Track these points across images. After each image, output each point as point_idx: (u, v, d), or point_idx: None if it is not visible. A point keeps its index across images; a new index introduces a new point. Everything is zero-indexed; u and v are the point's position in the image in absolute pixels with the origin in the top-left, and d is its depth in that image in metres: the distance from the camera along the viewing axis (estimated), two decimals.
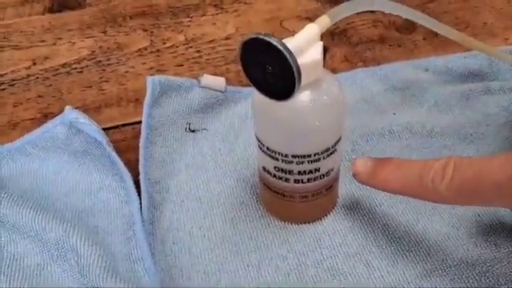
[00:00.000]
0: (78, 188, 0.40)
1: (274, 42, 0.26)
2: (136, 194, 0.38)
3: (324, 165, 0.33)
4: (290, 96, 0.28)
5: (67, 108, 0.43)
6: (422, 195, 0.29)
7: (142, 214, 0.37)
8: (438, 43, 0.52)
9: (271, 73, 0.28)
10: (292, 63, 0.26)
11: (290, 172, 0.33)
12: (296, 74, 0.27)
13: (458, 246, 0.35)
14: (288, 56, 0.26)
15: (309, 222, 0.37)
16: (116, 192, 0.39)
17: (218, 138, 0.43)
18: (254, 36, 0.27)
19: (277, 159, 0.33)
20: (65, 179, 0.40)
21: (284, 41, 0.28)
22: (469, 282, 0.33)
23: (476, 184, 0.26)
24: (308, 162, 0.32)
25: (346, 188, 0.39)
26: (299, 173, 0.33)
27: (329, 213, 0.37)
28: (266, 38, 0.27)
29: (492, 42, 0.52)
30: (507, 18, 0.55)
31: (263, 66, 0.28)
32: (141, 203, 0.37)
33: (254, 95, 0.32)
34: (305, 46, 0.29)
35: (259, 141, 0.33)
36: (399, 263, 0.34)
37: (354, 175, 0.33)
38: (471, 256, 0.34)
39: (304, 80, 0.28)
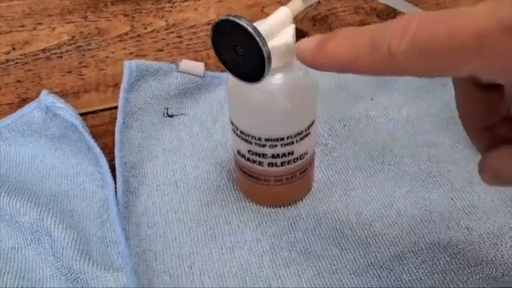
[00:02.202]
0: (55, 172, 0.40)
1: (244, 23, 0.26)
2: (111, 178, 0.38)
3: (297, 148, 0.33)
4: (260, 78, 0.28)
5: (43, 92, 0.43)
6: (374, 64, 0.22)
7: (117, 198, 0.37)
8: None
9: (242, 55, 0.28)
10: (261, 45, 0.26)
11: (264, 155, 0.33)
12: (266, 56, 0.27)
13: (430, 229, 0.35)
14: (257, 38, 0.26)
15: (284, 206, 0.37)
16: (92, 176, 0.39)
17: (196, 123, 0.43)
18: (225, 18, 0.27)
19: (250, 143, 0.33)
20: (41, 163, 0.40)
21: (255, 24, 0.28)
22: (440, 263, 0.33)
23: (449, 39, 0.20)
24: (281, 145, 0.32)
25: (322, 172, 0.39)
26: (273, 156, 0.33)
27: (304, 196, 0.37)
28: (236, 20, 0.27)
29: None
30: None
31: (234, 48, 0.28)
32: (116, 187, 0.37)
33: (228, 78, 0.32)
34: (276, 28, 0.29)
35: (233, 124, 0.33)
36: (372, 246, 0.35)
37: (298, 55, 0.26)
38: (443, 239, 0.35)
39: (275, 62, 0.28)
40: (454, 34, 0.20)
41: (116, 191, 0.37)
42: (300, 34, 0.53)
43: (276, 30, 0.29)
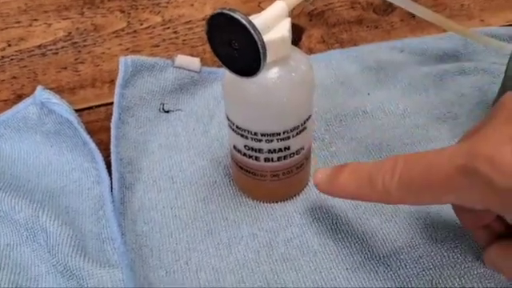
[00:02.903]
0: (50, 168, 0.39)
1: (239, 17, 0.26)
2: (107, 174, 0.38)
3: (294, 143, 0.33)
4: (256, 72, 0.28)
5: (38, 88, 0.43)
6: (375, 196, 0.28)
7: (112, 194, 0.37)
8: (415, 25, 0.52)
9: (237, 49, 0.28)
10: (257, 38, 0.26)
11: (260, 150, 0.33)
12: (261, 50, 0.27)
13: (427, 224, 0.35)
14: (253, 31, 0.26)
15: (280, 201, 0.37)
16: (88, 172, 0.39)
17: (192, 119, 0.43)
18: (220, 11, 0.27)
19: (246, 137, 0.33)
20: (37, 159, 0.40)
21: (251, 17, 0.28)
22: (437, 258, 0.33)
23: (425, 178, 0.25)
24: (277, 140, 0.32)
25: (319, 167, 0.39)
26: (269, 151, 0.33)
27: (300, 192, 0.37)
28: (231, 13, 0.26)
29: (468, 24, 0.52)
30: None
31: (229, 42, 0.28)
32: (112, 183, 0.37)
33: (224, 73, 0.32)
34: (272, 22, 0.29)
35: (229, 119, 0.33)
36: (369, 241, 0.34)
37: (316, 185, 0.32)
38: (440, 234, 0.34)
39: (271, 56, 0.28)
40: (428, 176, 0.25)
41: (112, 187, 0.37)
42: (296, 30, 0.53)
43: (272, 24, 0.29)
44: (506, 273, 0.28)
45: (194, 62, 0.45)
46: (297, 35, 0.51)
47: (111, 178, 0.37)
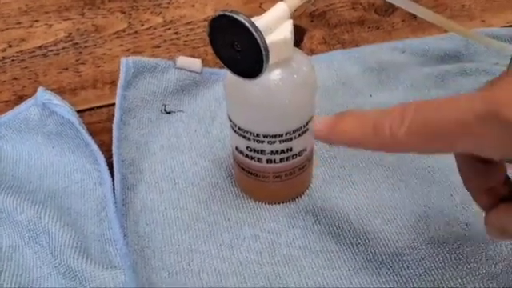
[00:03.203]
0: (52, 169, 0.39)
1: (241, 18, 0.26)
2: (109, 175, 0.38)
3: (296, 145, 0.33)
4: (258, 74, 0.28)
5: (40, 89, 0.43)
6: (380, 144, 0.26)
7: (114, 195, 0.37)
8: (417, 25, 0.52)
9: (239, 50, 0.28)
10: (259, 40, 0.26)
11: (262, 152, 0.33)
12: (263, 52, 0.26)
13: (429, 224, 0.35)
14: (255, 33, 0.26)
15: (283, 202, 0.37)
16: (90, 173, 0.39)
17: (194, 120, 0.43)
18: (222, 13, 0.27)
19: (249, 139, 0.33)
20: (38, 161, 0.40)
21: (253, 19, 0.28)
22: (439, 259, 0.33)
23: (439, 124, 0.24)
24: (280, 141, 0.32)
25: (321, 169, 0.39)
26: (271, 153, 0.33)
27: (302, 193, 0.37)
28: (234, 15, 0.26)
29: (469, 24, 0.52)
30: (485, 0, 0.55)
31: (232, 44, 0.28)
32: (114, 184, 0.37)
33: (226, 74, 0.32)
34: (274, 24, 0.29)
35: (231, 121, 0.33)
36: (371, 242, 0.34)
37: (315, 132, 0.29)
38: (442, 235, 0.35)
39: (273, 58, 0.28)
40: (442, 122, 0.23)
41: (114, 188, 0.37)
42: (298, 31, 0.53)
43: (274, 26, 0.29)
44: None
45: (195, 63, 0.45)
46: (299, 36, 0.51)
47: (113, 179, 0.37)
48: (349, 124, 0.27)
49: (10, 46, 0.53)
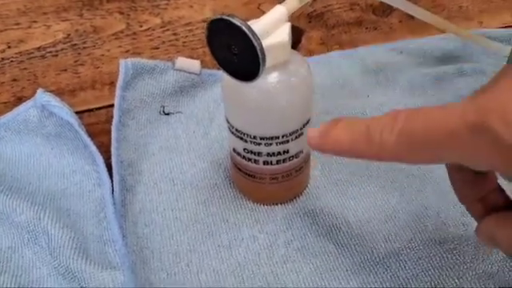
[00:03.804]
0: (51, 171, 0.40)
1: (238, 22, 0.26)
2: (108, 176, 0.38)
3: (293, 147, 0.33)
4: (255, 77, 0.28)
5: (39, 90, 0.43)
6: (370, 152, 0.26)
7: (113, 196, 0.37)
8: (414, 26, 0.52)
9: (236, 54, 0.28)
10: (256, 44, 0.26)
11: (259, 154, 0.33)
12: (260, 55, 0.27)
13: (426, 224, 0.35)
14: (252, 37, 0.26)
15: (280, 203, 0.37)
16: (88, 175, 0.39)
17: (192, 121, 0.43)
18: (219, 17, 0.27)
19: (246, 141, 0.33)
20: (38, 162, 0.40)
21: (250, 22, 0.28)
22: (436, 259, 0.33)
23: (428, 133, 0.23)
24: (276, 143, 0.32)
25: (318, 170, 0.39)
26: (268, 154, 0.33)
27: (300, 194, 0.38)
28: (230, 19, 0.27)
29: (467, 25, 0.52)
30: (482, 1, 0.55)
31: (229, 47, 0.28)
32: (113, 186, 0.37)
33: (223, 77, 0.32)
34: (271, 27, 0.29)
35: (229, 122, 0.33)
36: (368, 242, 0.35)
37: (308, 141, 0.29)
38: (439, 234, 0.35)
39: (270, 61, 0.28)
40: (431, 132, 0.23)
41: (113, 189, 0.37)
42: (296, 31, 0.53)
43: (271, 29, 0.29)
44: (501, 243, 0.27)
45: (194, 65, 0.45)
46: (297, 37, 0.51)
47: (112, 181, 0.38)
48: (340, 131, 0.27)
49: (9, 47, 0.53)
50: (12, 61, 0.51)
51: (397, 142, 0.24)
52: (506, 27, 0.52)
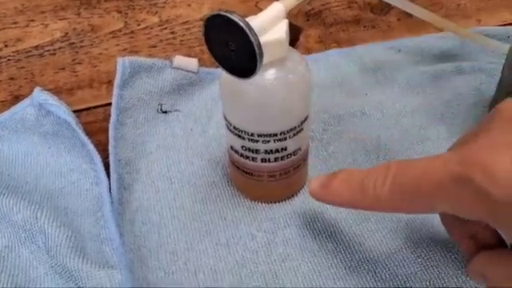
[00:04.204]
0: (49, 169, 0.39)
1: (236, 18, 0.26)
2: (105, 175, 0.38)
3: (291, 144, 0.33)
4: (252, 74, 0.28)
5: (36, 89, 0.43)
6: (366, 203, 0.28)
7: (111, 194, 0.37)
8: (412, 24, 0.52)
9: (234, 50, 0.28)
10: (253, 40, 0.26)
11: (257, 151, 0.33)
12: (257, 52, 0.27)
13: (425, 223, 0.35)
14: (249, 33, 0.26)
15: (279, 201, 0.37)
16: (86, 173, 0.39)
17: (190, 119, 0.43)
18: (217, 13, 0.27)
19: (243, 138, 0.33)
20: (35, 161, 0.40)
21: (248, 19, 0.28)
22: (435, 258, 0.33)
23: (417, 184, 0.25)
24: (274, 141, 0.32)
25: (317, 168, 0.39)
26: (266, 152, 0.33)
27: (298, 192, 0.37)
28: (228, 15, 0.27)
29: (465, 23, 0.52)
30: None
31: (226, 43, 0.28)
32: (110, 184, 0.37)
33: (221, 74, 0.32)
34: (269, 24, 0.29)
35: (226, 120, 0.33)
36: (367, 241, 0.35)
37: (310, 192, 0.31)
38: (438, 233, 0.35)
39: (268, 58, 0.28)
40: (420, 182, 0.25)
41: (110, 188, 0.37)
42: (294, 30, 0.53)
43: (269, 26, 0.29)
44: (493, 280, 0.27)
45: (191, 63, 0.45)
46: (295, 35, 0.51)
47: (109, 179, 0.38)
48: (339, 184, 0.29)
49: (6, 46, 0.53)
50: (9, 59, 0.51)
51: (389, 194, 0.26)
52: (504, 25, 0.52)
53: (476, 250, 0.29)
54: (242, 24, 0.26)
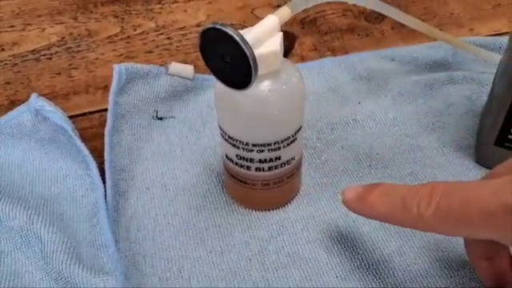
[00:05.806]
0: (44, 175, 0.40)
1: (231, 31, 0.27)
2: (101, 181, 0.38)
3: (285, 153, 0.34)
4: (247, 86, 0.28)
5: (33, 95, 0.43)
6: (407, 221, 0.27)
7: (106, 201, 0.37)
8: (406, 33, 0.53)
9: (229, 62, 0.28)
10: (248, 54, 0.27)
11: (251, 160, 0.33)
12: (252, 64, 0.27)
13: (416, 232, 0.36)
14: (244, 46, 0.27)
15: (272, 209, 0.37)
16: (82, 179, 0.39)
17: (185, 126, 0.43)
18: (212, 25, 0.28)
19: (238, 147, 0.33)
20: (31, 166, 0.40)
21: (242, 31, 0.28)
22: (425, 267, 0.34)
23: (465, 211, 0.24)
24: (268, 150, 0.33)
25: (310, 175, 0.40)
26: (260, 161, 0.33)
27: (291, 200, 0.38)
28: (223, 28, 0.27)
29: (458, 33, 0.53)
30: (473, 8, 0.56)
31: (221, 56, 0.28)
32: (106, 190, 0.38)
33: (216, 84, 0.32)
34: (263, 36, 0.29)
35: (221, 129, 0.34)
36: (358, 249, 0.35)
37: (344, 202, 0.31)
38: (429, 242, 0.35)
39: (262, 70, 0.28)
40: (468, 209, 0.24)
41: (106, 194, 0.37)
42: (289, 37, 0.54)
43: (263, 38, 0.29)
44: None
45: (187, 70, 0.46)
46: (289, 43, 0.52)
47: (105, 185, 0.38)
48: (377, 198, 0.29)
49: (3, 50, 0.53)
50: (6, 64, 0.51)
51: (433, 216, 0.25)
52: (496, 35, 0.52)
53: (492, 272, 0.30)
54: (236, 37, 0.27)
